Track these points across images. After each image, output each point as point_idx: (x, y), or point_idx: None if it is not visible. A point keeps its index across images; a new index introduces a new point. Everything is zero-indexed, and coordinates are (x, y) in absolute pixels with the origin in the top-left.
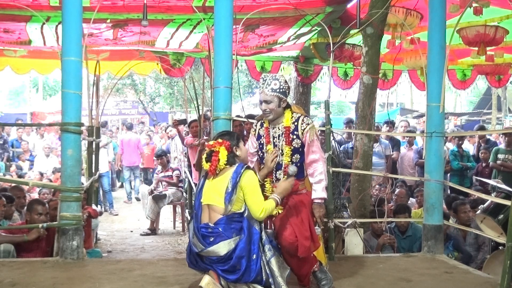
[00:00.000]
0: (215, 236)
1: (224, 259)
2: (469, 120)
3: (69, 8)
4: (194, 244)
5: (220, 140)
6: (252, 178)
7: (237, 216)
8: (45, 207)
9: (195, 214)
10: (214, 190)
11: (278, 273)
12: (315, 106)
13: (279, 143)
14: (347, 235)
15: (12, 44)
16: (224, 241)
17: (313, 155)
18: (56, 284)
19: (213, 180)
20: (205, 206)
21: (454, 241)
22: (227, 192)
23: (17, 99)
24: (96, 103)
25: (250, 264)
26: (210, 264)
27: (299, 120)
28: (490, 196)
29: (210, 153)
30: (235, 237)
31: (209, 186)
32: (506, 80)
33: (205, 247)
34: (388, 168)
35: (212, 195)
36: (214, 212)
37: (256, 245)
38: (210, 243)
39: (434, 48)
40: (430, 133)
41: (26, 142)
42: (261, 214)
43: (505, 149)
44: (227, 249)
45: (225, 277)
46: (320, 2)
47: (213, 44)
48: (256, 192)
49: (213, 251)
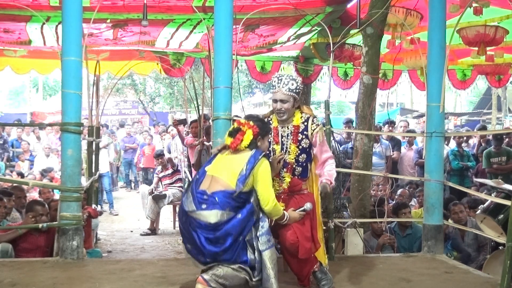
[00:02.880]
0: (209, 204)
1: (211, 227)
2: (469, 120)
3: (69, 8)
4: (185, 205)
5: (251, 123)
6: (267, 168)
7: (239, 196)
8: (45, 207)
9: (196, 179)
10: (226, 165)
11: (270, 266)
12: (315, 106)
13: (287, 142)
14: (347, 235)
15: (12, 44)
16: (218, 210)
17: (326, 154)
18: (56, 284)
19: (227, 156)
20: (209, 176)
21: (452, 241)
22: (242, 174)
23: (17, 99)
24: (96, 103)
25: (235, 245)
26: (195, 229)
27: (309, 121)
28: (490, 196)
29: (236, 129)
30: (228, 212)
31: (221, 160)
32: (506, 80)
33: (196, 209)
34: (388, 169)
35: (221, 169)
36: (216, 184)
37: (246, 232)
38: (203, 209)
39: (434, 48)
40: (430, 133)
41: (26, 142)
42: (268, 205)
43: (495, 152)
44: (218, 219)
45: (204, 247)
46: (320, 2)
47: (213, 44)
48: (269, 182)
49: (204, 215)
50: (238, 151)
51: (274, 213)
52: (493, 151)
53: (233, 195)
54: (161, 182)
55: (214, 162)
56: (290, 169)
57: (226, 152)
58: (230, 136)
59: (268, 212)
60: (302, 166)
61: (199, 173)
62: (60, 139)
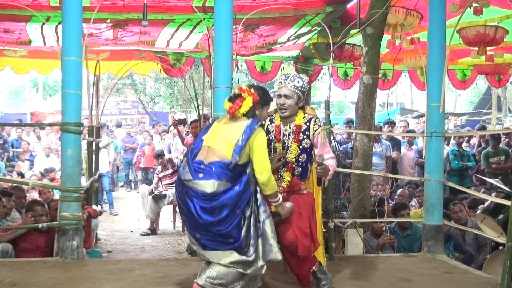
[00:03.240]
0: (206, 173)
1: (207, 197)
2: (469, 120)
3: (69, 8)
4: (182, 174)
5: (252, 90)
6: (263, 138)
7: (235, 168)
8: (45, 207)
9: (192, 150)
10: (222, 136)
11: (271, 235)
12: (315, 106)
13: (288, 141)
14: (347, 235)
15: (12, 44)
16: (214, 180)
17: (327, 155)
18: (56, 284)
19: (224, 125)
20: (206, 146)
21: (455, 242)
22: (238, 145)
23: (17, 99)
24: (96, 103)
25: (231, 217)
26: (191, 198)
27: (311, 121)
28: (490, 196)
29: (236, 95)
30: (225, 183)
31: (217, 130)
32: (506, 80)
33: (193, 178)
34: (388, 169)
35: (218, 140)
36: (213, 155)
37: (243, 204)
38: (200, 178)
39: (434, 48)
40: (430, 133)
41: (26, 142)
42: (263, 175)
43: (493, 152)
44: (214, 189)
45: (200, 216)
46: (320, 2)
47: (213, 44)
48: (265, 152)
49: (201, 185)
50: (235, 118)
51: (269, 187)
52: (491, 151)
53: (230, 167)
54: (161, 182)
55: (210, 131)
56: (290, 168)
57: (222, 121)
58: (230, 101)
59: (262, 183)
60: (302, 166)
61: (195, 143)
62: (60, 139)
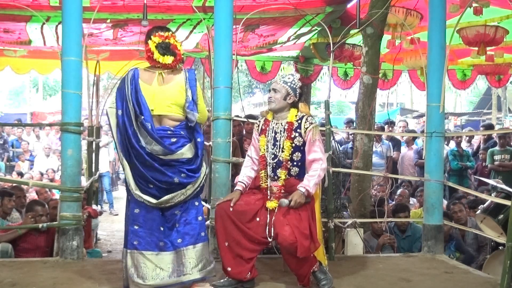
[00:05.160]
0: (178, 137)
1: (192, 161)
2: (469, 120)
3: (69, 8)
4: (155, 152)
5: (167, 33)
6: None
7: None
8: (45, 207)
9: (143, 120)
10: (166, 98)
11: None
12: (315, 106)
13: (281, 139)
14: (347, 235)
15: (12, 44)
16: (187, 145)
17: (313, 154)
18: (56, 284)
19: (160, 87)
20: (156, 115)
21: (456, 242)
22: (189, 101)
23: (17, 99)
24: (96, 103)
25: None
26: (178, 169)
27: (303, 119)
28: (490, 196)
29: (167, 44)
30: (193, 142)
31: (154, 94)
32: (506, 80)
33: (171, 151)
34: (388, 169)
35: (164, 104)
36: (170, 120)
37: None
38: (173, 145)
39: (434, 48)
40: (430, 133)
41: (26, 142)
42: (204, 117)
43: (499, 150)
44: (192, 152)
45: (188, 175)
46: (320, 2)
47: (213, 44)
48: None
49: (182, 153)
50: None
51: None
52: (497, 150)
53: (190, 125)
54: None
55: (150, 98)
56: (285, 167)
57: (153, 81)
58: (168, 54)
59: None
60: (298, 165)
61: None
62: (60, 139)
